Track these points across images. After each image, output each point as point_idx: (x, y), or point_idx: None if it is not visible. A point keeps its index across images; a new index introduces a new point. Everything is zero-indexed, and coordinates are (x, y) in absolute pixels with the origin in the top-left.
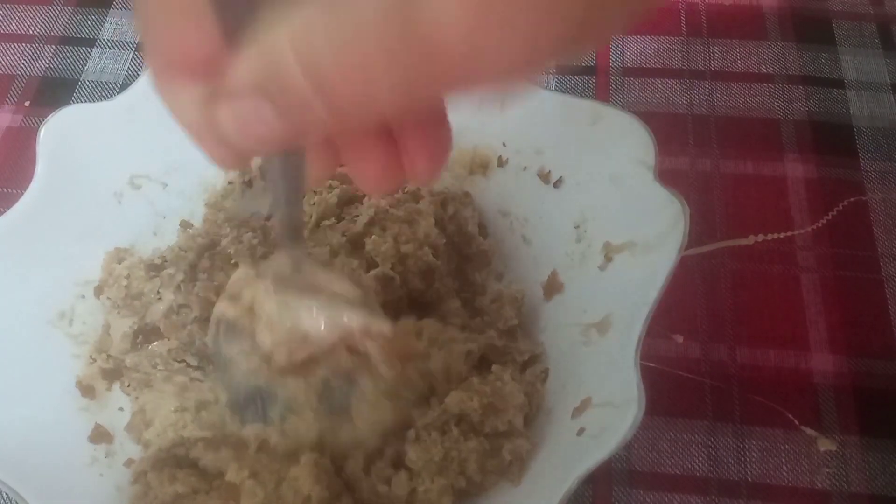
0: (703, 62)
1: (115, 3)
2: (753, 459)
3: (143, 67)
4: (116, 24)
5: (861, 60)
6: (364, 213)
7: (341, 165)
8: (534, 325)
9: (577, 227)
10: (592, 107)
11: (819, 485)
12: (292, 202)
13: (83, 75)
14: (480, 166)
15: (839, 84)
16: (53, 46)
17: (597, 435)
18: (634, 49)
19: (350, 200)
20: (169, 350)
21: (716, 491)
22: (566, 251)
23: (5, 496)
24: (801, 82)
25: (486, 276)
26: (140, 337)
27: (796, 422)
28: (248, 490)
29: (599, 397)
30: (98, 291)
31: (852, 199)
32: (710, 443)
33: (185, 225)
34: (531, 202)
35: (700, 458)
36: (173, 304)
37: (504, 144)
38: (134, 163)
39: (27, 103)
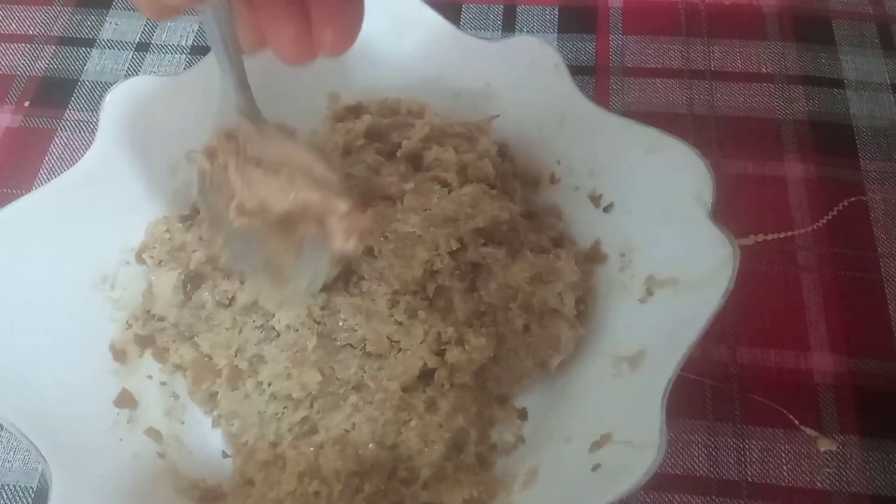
0: (703, 62)
1: (115, 3)
2: (753, 459)
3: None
4: (116, 24)
5: (861, 60)
6: (419, 129)
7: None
8: None
9: (622, 255)
10: (653, 135)
11: (819, 485)
12: (231, 58)
13: (83, 75)
14: (532, 181)
15: (839, 84)
16: (53, 46)
17: (612, 474)
18: (634, 49)
19: (386, 130)
20: (225, 290)
21: (716, 491)
22: (608, 278)
23: (12, 446)
24: (801, 82)
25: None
26: (188, 286)
27: (796, 422)
28: (292, 459)
29: (620, 435)
30: (139, 254)
31: (852, 199)
32: (710, 443)
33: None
34: (579, 223)
35: (700, 458)
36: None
37: (558, 162)
38: (192, 138)
39: (27, 103)
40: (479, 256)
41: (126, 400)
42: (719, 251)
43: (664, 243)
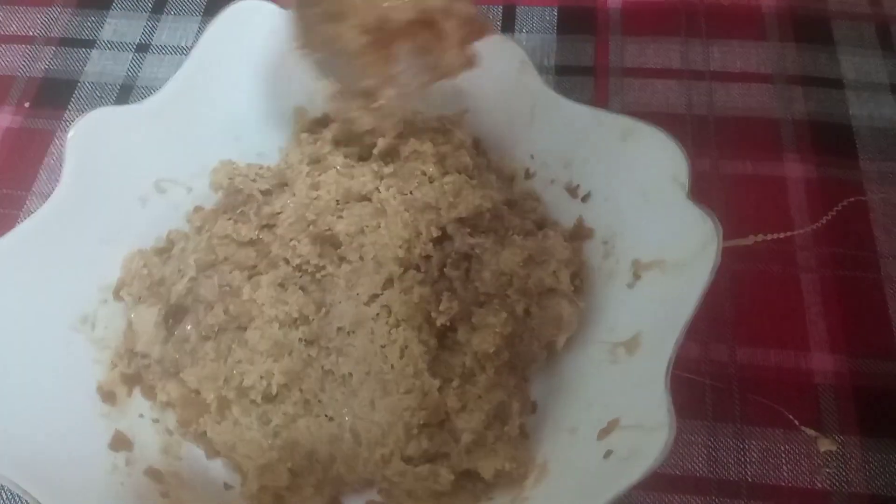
0: (703, 62)
1: (115, 3)
2: (753, 459)
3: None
4: (116, 25)
5: (860, 60)
6: (392, 127)
7: None
8: None
9: (605, 242)
10: (623, 122)
11: (819, 485)
12: None
13: (83, 76)
14: (507, 178)
15: (838, 84)
16: (53, 47)
17: (626, 458)
18: (634, 49)
19: (357, 135)
20: (210, 324)
21: (716, 491)
22: (593, 267)
23: (5, 494)
24: (801, 82)
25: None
26: (171, 321)
27: (796, 422)
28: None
29: (628, 419)
30: (116, 291)
31: (852, 199)
32: (710, 443)
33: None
34: (558, 216)
35: (700, 459)
36: (195, 273)
37: (532, 157)
38: (160, 166)
39: (27, 104)
40: (468, 247)
41: (121, 442)
42: (702, 228)
43: (646, 226)
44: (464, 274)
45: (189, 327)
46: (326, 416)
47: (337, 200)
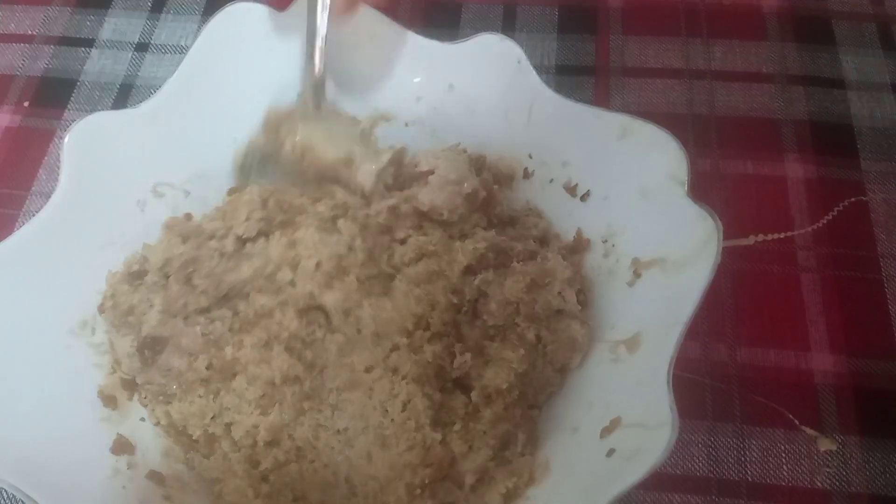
0: (703, 62)
1: (115, 3)
2: (753, 459)
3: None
4: (116, 24)
5: (861, 60)
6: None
7: None
8: None
9: (604, 241)
10: (621, 120)
11: (819, 485)
12: (312, 56)
13: (82, 76)
14: (506, 178)
15: (839, 84)
16: (53, 47)
17: (629, 457)
18: (634, 49)
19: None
20: (192, 380)
21: (716, 491)
22: (592, 265)
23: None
24: (801, 82)
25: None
26: (146, 352)
27: (796, 422)
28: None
29: (630, 418)
30: (101, 309)
31: (852, 199)
32: (710, 443)
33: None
34: (557, 215)
35: (700, 458)
36: (165, 307)
37: (530, 156)
38: (157, 170)
39: (26, 103)
40: (475, 291)
41: (123, 446)
42: (702, 226)
43: (645, 225)
44: (471, 313)
45: (172, 357)
46: (321, 462)
47: (318, 263)
